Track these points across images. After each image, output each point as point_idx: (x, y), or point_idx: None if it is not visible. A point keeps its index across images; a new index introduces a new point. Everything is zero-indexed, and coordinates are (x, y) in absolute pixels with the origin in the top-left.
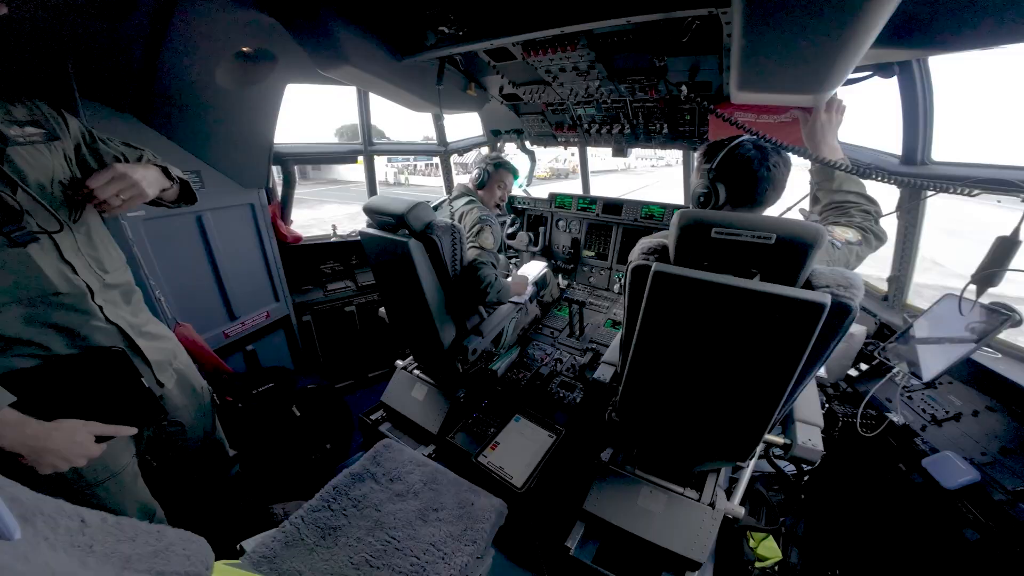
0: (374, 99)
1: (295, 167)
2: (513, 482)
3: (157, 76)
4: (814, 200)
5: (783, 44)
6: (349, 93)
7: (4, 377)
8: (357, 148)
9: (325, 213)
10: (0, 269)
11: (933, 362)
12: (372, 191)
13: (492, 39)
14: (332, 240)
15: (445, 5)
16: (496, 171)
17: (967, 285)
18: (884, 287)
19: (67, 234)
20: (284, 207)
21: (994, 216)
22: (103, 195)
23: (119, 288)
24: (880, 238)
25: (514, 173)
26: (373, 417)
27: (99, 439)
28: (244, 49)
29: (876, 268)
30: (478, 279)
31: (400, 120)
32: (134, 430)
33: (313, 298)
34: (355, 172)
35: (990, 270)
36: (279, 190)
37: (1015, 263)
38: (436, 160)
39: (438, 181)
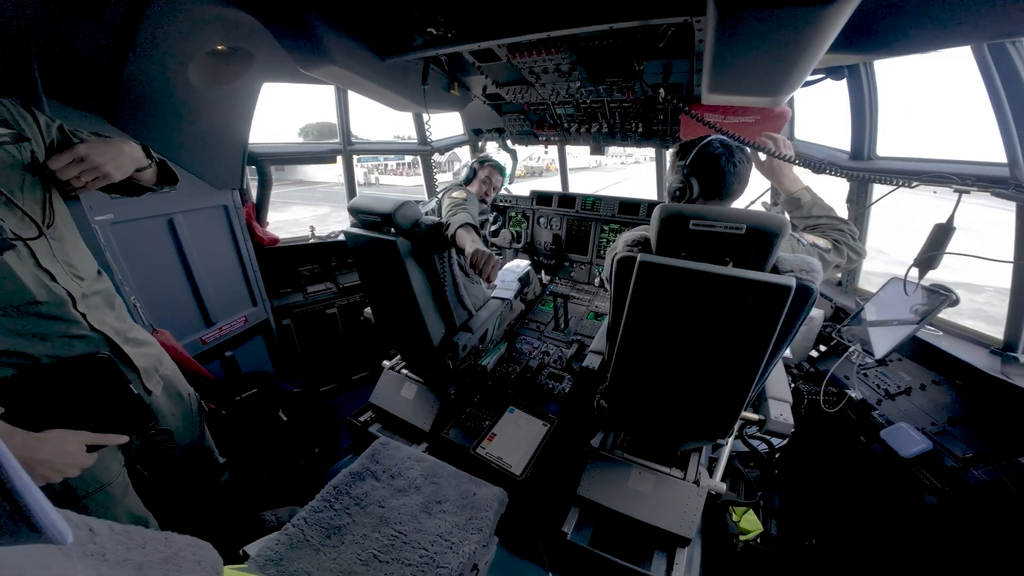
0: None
1: (271, 167)
2: (512, 470)
3: (125, 74)
4: (774, 193)
5: (751, 52)
6: (314, 91)
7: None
8: (336, 147)
9: (292, 215)
10: None
11: (883, 341)
12: (352, 191)
13: (480, 41)
14: (311, 241)
15: (434, 7)
16: (481, 167)
17: (909, 268)
18: (837, 274)
19: (42, 240)
20: (260, 208)
21: (931, 206)
22: (64, 176)
23: (101, 294)
24: (859, 253)
25: (501, 170)
26: (362, 419)
27: (90, 448)
28: (219, 47)
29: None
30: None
31: (368, 119)
32: (125, 438)
33: (293, 301)
34: (322, 172)
35: (929, 254)
36: (254, 191)
37: (951, 248)
38: (408, 159)
39: (410, 180)
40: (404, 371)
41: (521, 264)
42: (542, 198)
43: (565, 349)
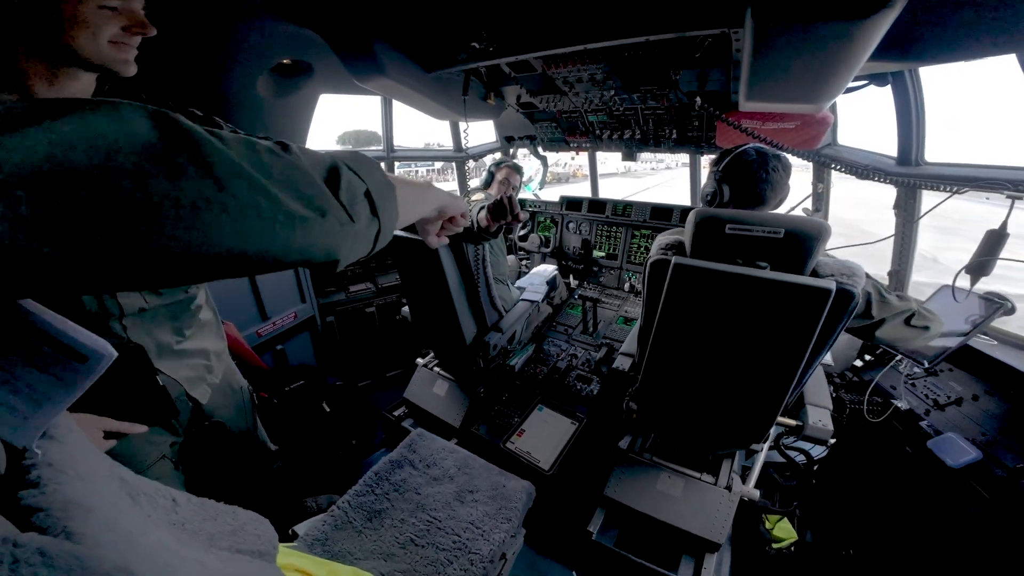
0: (370, 105)
1: None
2: (541, 465)
3: (206, 87)
4: (816, 199)
5: (787, 61)
6: (351, 101)
7: None
8: (380, 155)
9: None
10: None
11: (933, 350)
12: None
13: (519, 54)
14: None
15: (478, 24)
16: (498, 169)
17: (959, 272)
18: (886, 281)
19: None
20: None
21: (984, 213)
22: None
23: (151, 312)
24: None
25: (518, 169)
26: (396, 413)
27: (109, 435)
28: (284, 61)
29: (876, 265)
30: None
31: (401, 126)
32: (144, 428)
33: (336, 300)
34: None
35: (981, 259)
36: None
37: (1004, 254)
38: (437, 165)
39: (443, 186)
40: (436, 368)
41: (548, 268)
42: (572, 203)
43: (593, 352)
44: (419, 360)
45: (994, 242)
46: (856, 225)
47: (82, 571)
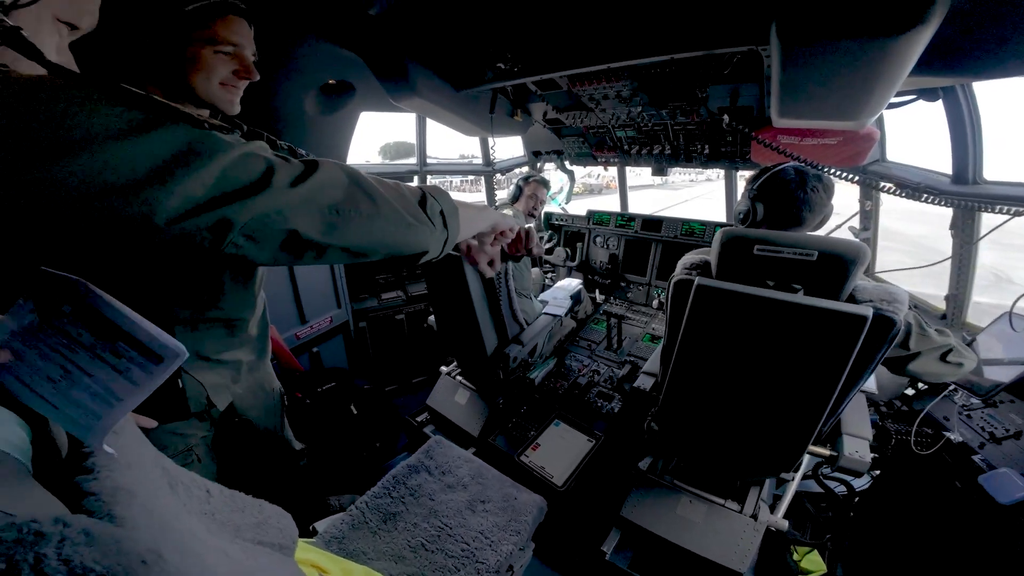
0: (408, 120)
1: None
2: (554, 481)
3: (274, 103)
4: (863, 218)
5: (820, 78)
6: (392, 116)
7: None
8: (413, 168)
9: None
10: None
11: (991, 380)
12: None
13: (544, 74)
14: None
15: (504, 45)
16: (526, 184)
17: (1017, 300)
18: (942, 306)
19: None
20: None
21: None
22: None
23: (218, 322)
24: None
25: (545, 183)
26: (419, 419)
27: None
28: (330, 81)
29: (934, 287)
30: None
31: (437, 139)
32: (154, 423)
33: (369, 306)
34: None
35: None
36: None
37: None
38: (471, 177)
39: (471, 197)
40: (459, 378)
41: (573, 283)
42: (599, 218)
43: (617, 369)
44: (443, 368)
45: None
46: (919, 242)
47: (118, 552)
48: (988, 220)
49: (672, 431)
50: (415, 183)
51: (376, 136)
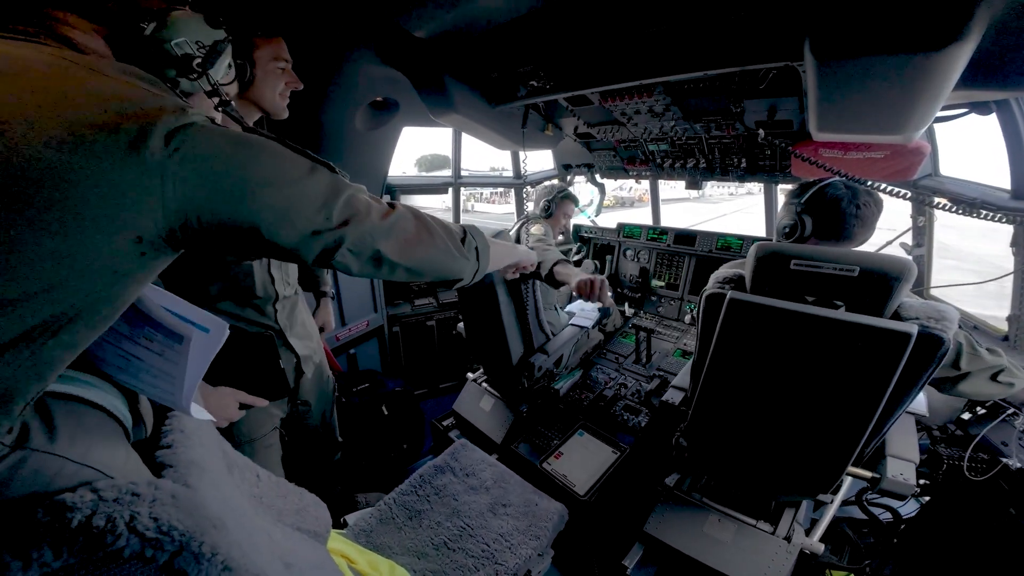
0: (443, 133)
1: (401, 196)
2: (576, 490)
3: (320, 120)
4: (916, 234)
5: (857, 93)
6: (425, 131)
7: None
8: (448, 180)
9: None
10: (231, 274)
11: None
12: (457, 218)
13: (575, 90)
14: None
15: (537, 63)
16: (562, 202)
17: None
18: (1004, 327)
19: None
20: None
21: None
22: None
23: (290, 300)
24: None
25: (573, 200)
26: (444, 424)
27: (242, 406)
28: (377, 99)
29: (996, 307)
30: None
31: (468, 151)
32: (266, 402)
33: (402, 312)
34: (427, 200)
35: None
36: None
37: None
38: (501, 189)
39: (501, 208)
40: (485, 384)
41: None
42: (630, 232)
43: (645, 383)
44: (469, 375)
45: None
46: (988, 260)
47: (198, 514)
48: None
49: (701, 447)
50: (449, 199)
51: (412, 148)
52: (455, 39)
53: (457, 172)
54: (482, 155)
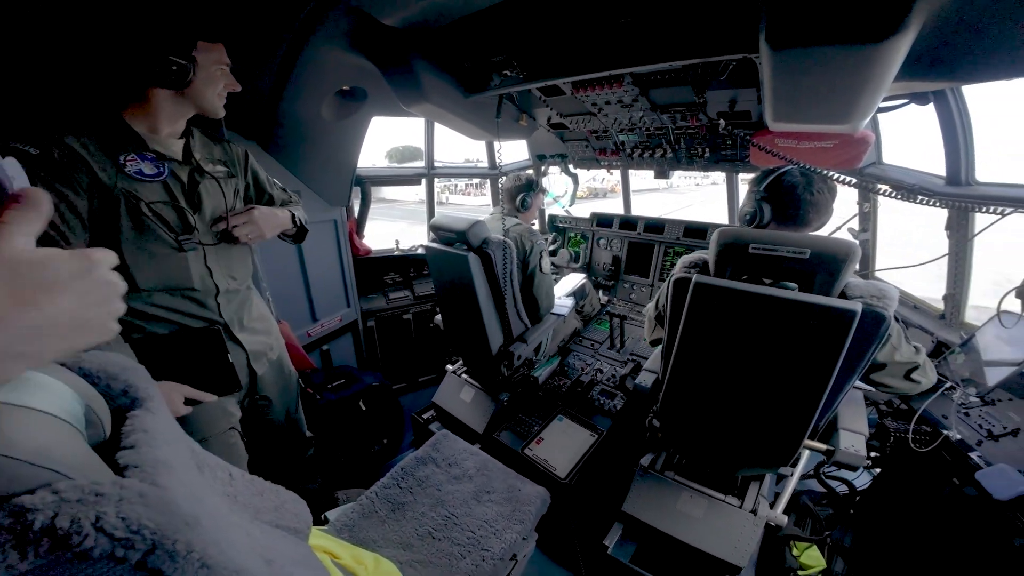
0: (414, 125)
1: (371, 187)
2: (557, 473)
3: (279, 109)
4: (863, 220)
5: (808, 83)
6: (398, 121)
7: (138, 342)
8: (421, 171)
9: (372, 230)
10: (163, 266)
11: (988, 377)
12: (431, 210)
13: (548, 80)
14: (395, 254)
15: (510, 52)
16: (537, 195)
17: (1005, 296)
18: (940, 306)
19: (215, 248)
20: (360, 223)
21: None
22: (236, 232)
23: (239, 293)
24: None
25: (546, 192)
26: (425, 416)
27: (188, 402)
28: (344, 88)
29: (934, 289)
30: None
31: (441, 144)
32: (214, 398)
33: (377, 306)
34: (399, 192)
35: None
36: (355, 207)
37: None
38: (476, 181)
39: (476, 200)
40: (464, 376)
41: (575, 279)
42: (603, 220)
43: (619, 368)
44: (449, 367)
45: None
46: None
47: (169, 512)
48: (982, 220)
49: (673, 427)
50: (422, 190)
51: (383, 139)
52: (426, 27)
53: (430, 162)
54: (456, 146)
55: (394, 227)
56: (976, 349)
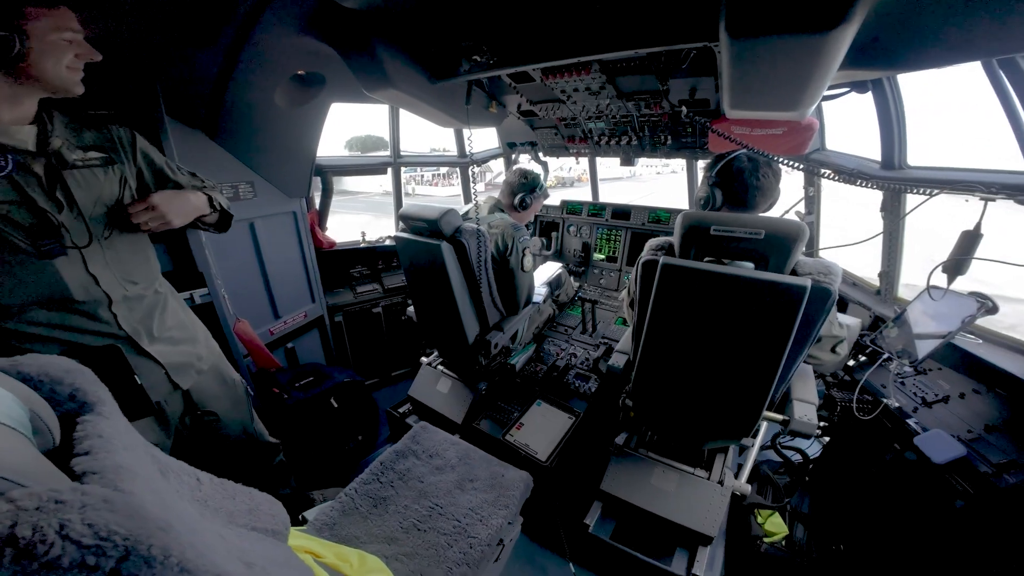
0: (376, 113)
1: (332, 178)
2: (538, 456)
3: (225, 96)
4: (808, 203)
5: (764, 72)
6: (358, 108)
7: None
8: (387, 160)
9: (334, 223)
10: (27, 277)
11: (919, 349)
12: (399, 200)
13: (518, 66)
14: (361, 246)
15: (479, 38)
16: (538, 199)
17: (933, 271)
18: (877, 282)
19: (97, 250)
20: (322, 215)
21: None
22: (136, 220)
23: (144, 299)
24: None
25: (547, 196)
26: (400, 411)
27: None
28: (299, 72)
29: (871, 268)
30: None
31: (407, 132)
32: None
33: (344, 300)
34: (362, 183)
35: (958, 258)
36: (317, 199)
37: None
38: (443, 171)
39: (444, 191)
40: (440, 367)
41: (551, 269)
42: (572, 208)
43: (592, 351)
44: (423, 359)
45: (969, 242)
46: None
47: (139, 517)
48: (911, 202)
49: (644, 404)
50: (386, 180)
51: (342, 128)
52: (389, 10)
53: (396, 151)
54: (422, 135)
55: (357, 220)
56: (908, 323)
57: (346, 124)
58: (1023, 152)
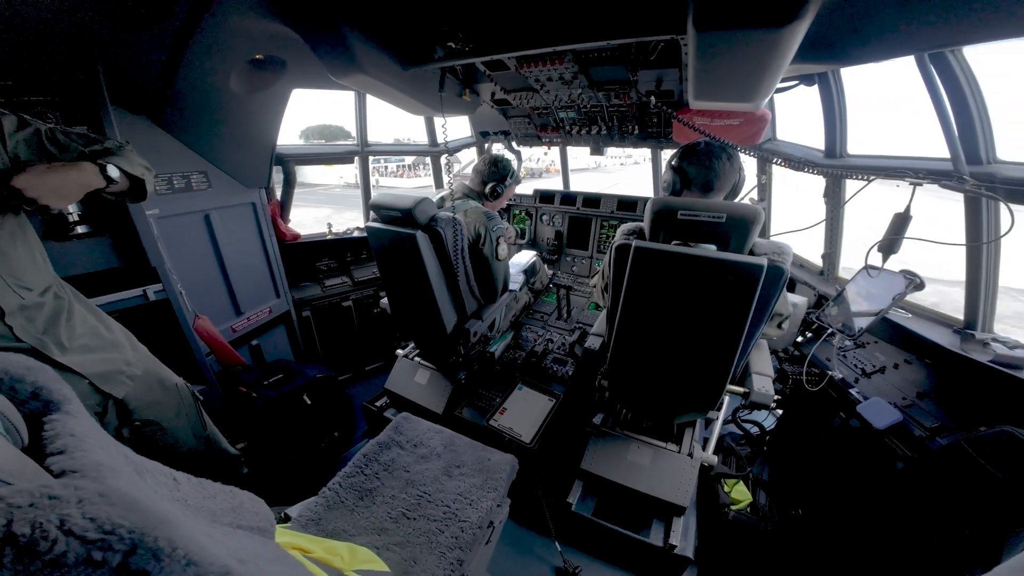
0: (337, 100)
1: (295, 167)
2: (523, 439)
3: (175, 81)
4: (760, 190)
5: (725, 64)
6: (315, 96)
7: None
8: (354, 149)
9: (294, 217)
10: None
11: (857, 324)
12: (367, 191)
13: (493, 54)
14: (328, 238)
15: (455, 24)
16: (510, 187)
17: (870, 250)
18: (820, 263)
19: None
20: (284, 206)
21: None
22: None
23: (44, 307)
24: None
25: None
26: (378, 404)
27: None
28: (257, 56)
29: (815, 250)
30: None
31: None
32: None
33: (312, 294)
34: (321, 175)
35: (890, 238)
36: (278, 190)
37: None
38: (408, 161)
39: (410, 183)
40: (417, 359)
41: (526, 257)
42: (545, 196)
43: (568, 336)
44: (399, 351)
45: (900, 224)
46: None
47: (141, 510)
48: (850, 188)
49: (619, 383)
50: (350, 171)
51: (300, 118)
52: None
53: (363, 140)
54: (386, 125)
55: (319, 213)
56: (847, 300)
57: (300, 113)
58: (947, 140)
